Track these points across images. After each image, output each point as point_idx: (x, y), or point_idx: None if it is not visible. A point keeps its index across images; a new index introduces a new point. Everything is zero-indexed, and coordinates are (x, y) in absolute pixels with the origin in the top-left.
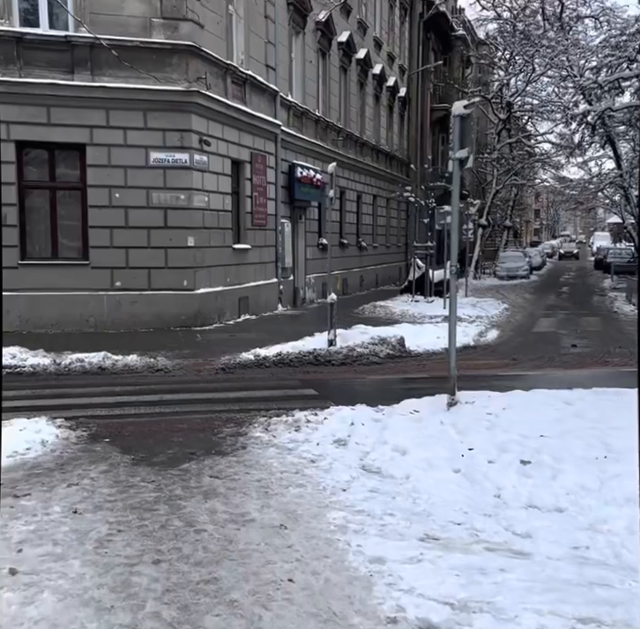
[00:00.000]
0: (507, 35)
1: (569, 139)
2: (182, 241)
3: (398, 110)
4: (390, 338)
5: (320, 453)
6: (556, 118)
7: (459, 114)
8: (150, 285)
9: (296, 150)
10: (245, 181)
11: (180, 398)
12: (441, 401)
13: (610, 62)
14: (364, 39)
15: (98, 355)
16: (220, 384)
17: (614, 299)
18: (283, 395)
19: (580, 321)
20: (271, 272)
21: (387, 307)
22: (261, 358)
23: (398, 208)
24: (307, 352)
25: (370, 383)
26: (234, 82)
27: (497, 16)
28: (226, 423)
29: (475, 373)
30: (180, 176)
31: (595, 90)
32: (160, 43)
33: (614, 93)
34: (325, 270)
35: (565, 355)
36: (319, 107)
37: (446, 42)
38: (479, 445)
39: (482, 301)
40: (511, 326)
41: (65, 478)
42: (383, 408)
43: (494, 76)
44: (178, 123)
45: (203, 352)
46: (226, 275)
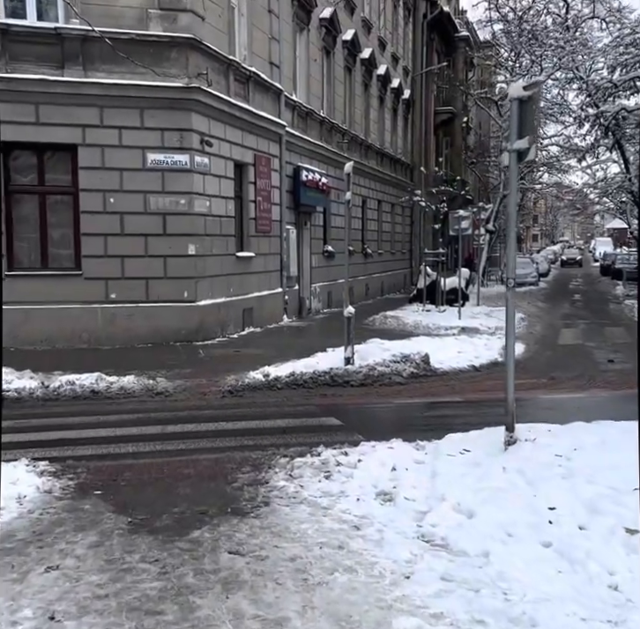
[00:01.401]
0: (514, 35)
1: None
2: (182, 249)
3: (402, 113)
4: (414, 355)
5: (363, 513)
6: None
7: (518, 97)
8: (148, 297)
9: (301, 152)
10: (248, 184)
11: (184, 430)
12: (494, 437)
13: (626, 60)
14: (368, 38)
15: (91, 376)
16: (229, 411)
17: (632, 308)
18: (302, 425)
19: (605, 332)
20: (275, 281)
21: (398, 318)
22: (272, 378)
23: (402, 213)
24: (322, 372)
25: (398, 409)
26: (236, 79)
27: (501, 17)
28: (240, 466)
29: (515, 396)
30: (179, 179)
31: (610, 89)
32: (157, 36)
33: (629, 94)
34: (331, 278)
35: (605, 372)
36: (324, 107)
37: (450, 44)
38: (560, 502)
39: (496, 310)
40: (534, 338)
41: (43, 557)
42: (423, 444)
43: (500, 77)
44: (177, 122)
45: (206, 371)
46: (229, 285)
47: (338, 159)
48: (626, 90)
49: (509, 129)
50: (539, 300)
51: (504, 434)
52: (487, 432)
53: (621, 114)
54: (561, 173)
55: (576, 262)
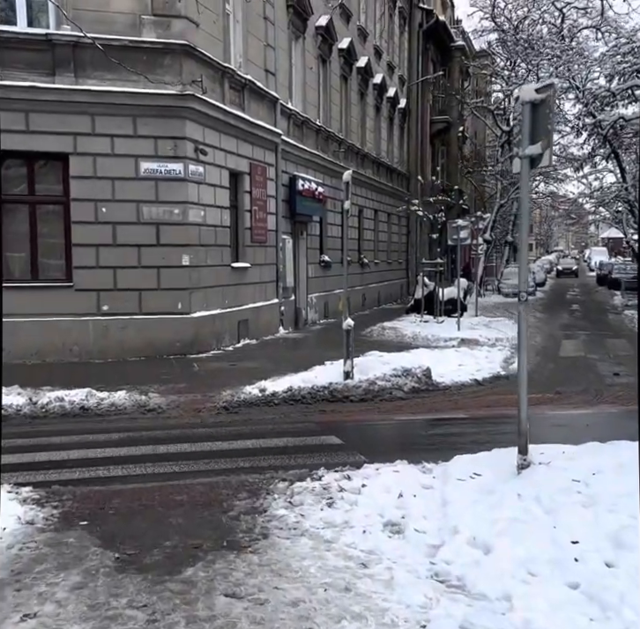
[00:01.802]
0: (510, 44)
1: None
2: (176, 260)
3: (398, 122)
4: (415, 369)
5: (370, 548)
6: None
7: (530, 101)
8: (140, 309)
9: (297, 161)
10: (244, 194)
11: (177, 451)
12: (505, 459)
13: (624, 69)
14: (364, 47)
15: (80, 392)
16: (224, 429)
17: (632, 319)
18: (301, 444)
19: (606, 343)
20: (271, 292)
21: (396, 329)
22: (268, 393)
23: (398, 223)
24: (321, 387)
25: (401, 426)
26: (231, 87)
27: (497, 26)
28: (237, 491)
29: None
30: (173, 188)
31: (608, 98)
32: (150, 42)
33: (627, 102)
34: (328, 288)
35: (612, 386)
36: (320, 116)
37: (445, 53)
38: (583, 535)
39: (495, 321)
40: (535, 349)
41: (20, 602)
42: (430, 467)
43: (495, 86)
44: (171, 130)
45: (201, 386)
46: (224, 296)
47: (334, 168)
48: (624, 98)
49: (519, 134)
50: (537, 311)
51: (517, 457)
52: (497, 454)
53: (619, 123)
54: (557, 183)
55: (573, 273)
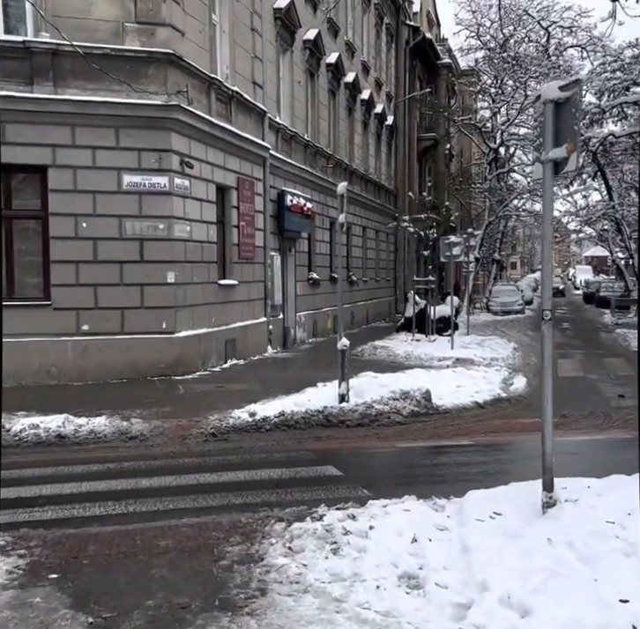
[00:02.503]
0: (496, 62)
1: None
2: (160, 277)
3: (385, 138)
4: (414, 392)
5: (387, 609)
6: None
7: (553, 99)
8: (123, 329)
9: (285, 176)
10: (231, 209)
11: (161, 485)
12: (525, 496)
13: (614, 85)
14: (352, 62)
15: (57, 419)
16: (212, 459)
17: (626, 337)
18: (296, 476)
19: (604, 363)
20: (259, 310)
21: (388, 348)
22: (259, 418)
23: (386, 240)
24: (315, 411)
25: (403, 455)
26: (218, 98)
27: (483, 45)
28: (229, 534)
29: (529, 439)
30: (158, 203)
31: (597, 115)
32: (134, 51)
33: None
34: (316, 306)
35: (619, 409)
36: (308, 131)
37: (432, 70)
38: (632, 592)
39: (487, 339)
40: (532, 370)
41: None
42: (442, 504)
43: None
44: (156, 142)
45: (186, 410)
46: (210, 315)
47: (322, 183)
48: (613, 116)
49: (539, 136)
50: (528, 329)
51: (542, 495)
52: (515, 489)
53: (609, 140)
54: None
55: (560, 292)
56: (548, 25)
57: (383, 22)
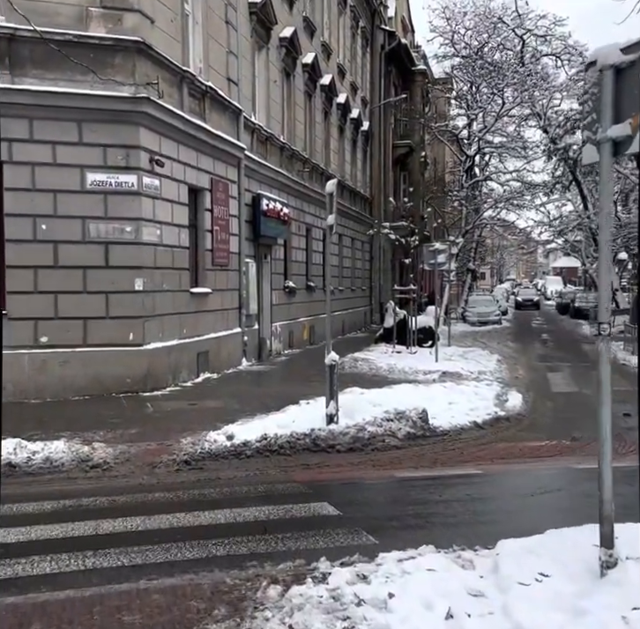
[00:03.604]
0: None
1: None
2: (127, 284)
3: (361, 145)
4: (410, 412)
5: None
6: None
7: (613, 65)
8: (85, 341)
9: (260, 179)
10: (204, 212)
11: (127, 529)
12: (574, 549)
13: None
14: (328, 64)
15: (8, 444)
16: (187, 494)
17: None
18: (287, 516)
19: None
20: (234, 321)
21: (369, 361)
22: (239, 443)
23: (362, 248)
24: (302, 435)
25: (406, 487)
26: (191, 94)
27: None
28: (210, 604)
29: (544, 467)
30: (125, 203)
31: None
32: (99, 38)
33: None
34: (292, 316)
35: (630, 430)
36: (284, 133)
37: (407, 77)
38: None
39: (469, 351)
40: (523, 384)
41: None
42: (469, 558)
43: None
44: (123, 138)
45: (156, 431)
46: (182, 325)
47: (298, 188)
48: None
49: (590, 113)
50: (508, 340)
51: (599, 552)
52: (556, 540)
53: None
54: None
55: (534, 305)
56: (523, 33)
57: (358, 25)
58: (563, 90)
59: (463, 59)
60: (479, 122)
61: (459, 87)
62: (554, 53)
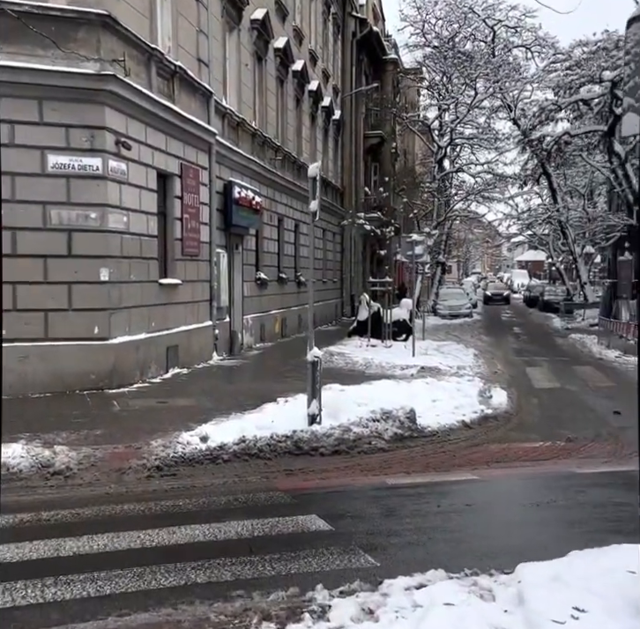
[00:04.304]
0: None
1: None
2: (92, 275)
3: (332, 134)
4: (397, 411)
5: None
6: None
7: None
8: (47, 334)
9: (232, 166)
10: (174, 199)
11: (92, 550)
12: (607, 575)
13: (571, 81)
14: (300, 50)
15: None
16: (160, 506)
17: (584, 343)
18: (273, 533)
19: (576, 372)
20: (204, 313)
21: (344, 355)
22: (215, 446)
23: (333, 240)
24: (283, 437)
25: (401, 496)
26: (159, 73)
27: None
28: None
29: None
30: (90, 188)
31: (553, 112)
32: (60, 9)
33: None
34: (264, 309)
35: (624, 429)
36: (256, 119)
37: (378, 66)
38: None
39: (444, 345)
40: (504, 380)
41: None
42: (488, 585)
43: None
44: (87, 118)
45: (124, 433)
46: (150, 318)
47: (270, 176)
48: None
49: (632, 76)
50: (481, 334)
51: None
52: (583, 563)
53: (564, 139)
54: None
55: (504, 299)
56: (494, 23)
57: (330, 11)
58: (535, 81)
59: (434, 49)
60: (451, 112)
61: (431, 77)
62: (525, 44)
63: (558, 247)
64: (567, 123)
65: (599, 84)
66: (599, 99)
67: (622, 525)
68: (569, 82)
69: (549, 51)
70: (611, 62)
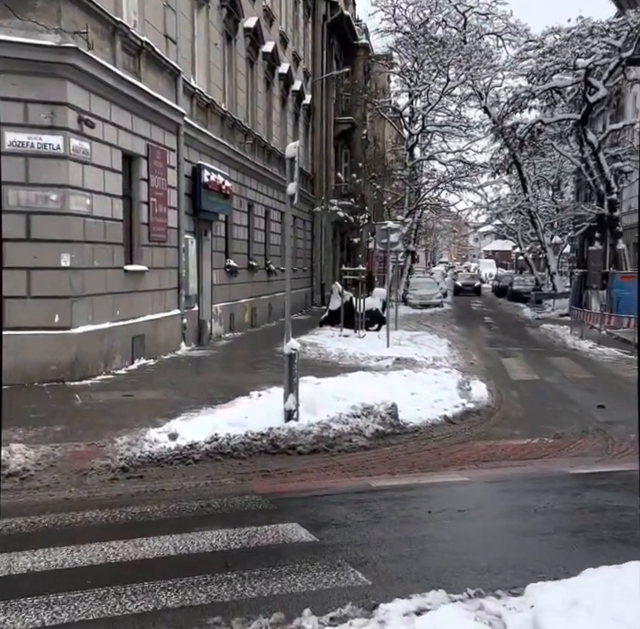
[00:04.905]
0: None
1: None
2: (52, 260)
3: (303, 119)
4: (378, 406)
5: None
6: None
7: None
8: (4, 323)
9: (200, 149)
10: (140, 181)
11: (49, 567)
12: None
13: (546, 68)
14: (270, 31)
15: None
16: (126, 513)
17: (556, 333)
18: (251, 545)
19: (552, 363)
20: (172, 302)
21: (317, 345)
22: (185, 445)
23: (303, 228)
24: (258, 434)
25: (387, 500)
26: (125, 49)
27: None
28: None
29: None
30: (50, 168)
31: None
32: None
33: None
34: (233, 298)
35: (611, 424)
36: (225, 100)
37: (349, 51)
38: None
39: (417, 335)
40: (481, 371)
41: None
42: (497, 610)
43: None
44: (46, 93)
45: (86, 429)
46: (115, 306)
47: (240, 161)
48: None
49: None
50: (452, 324)
51: None
52: (601, 584)
53: (537, 127)
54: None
55: (475, 290)
56: (465, 10)
57: None
58: (506, 69)
59: (405, 35)
60: (422, 99)
61: (403, 63)
62: (496, 32)
63: (527, 237)
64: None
65: (573, 71)
66: (572, 87)
67: (627, 533)
68: (543, 69)
69: (520, 39)
70: (585, 49)
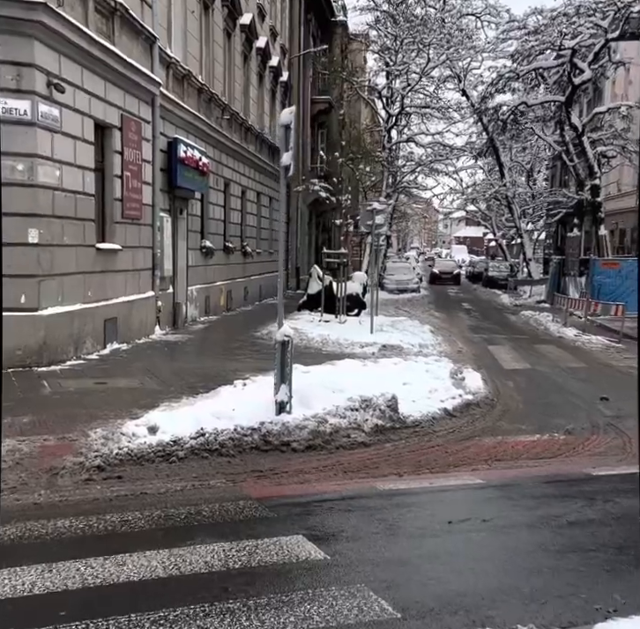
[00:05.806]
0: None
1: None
2: (18, 235)
3: (280, 97)
4: (377, 399)
5: None
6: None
7: None
8: None
9: (177, 122)
10: (113, 154)
11: (15, 592)
12: None
13: (531, 47)
14: (248, 3)
15: None
16: (103, 522)
17: (538, 320)
18: (252, 564)
19: (540, 351)
20: (146, 283)
21: (298, 330)
22: (168, 442)
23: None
24: (249, 429)
25: (399, 508)
26: (97, 10)
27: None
28: None
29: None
30: (16, 136)
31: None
32: None
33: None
34: (209, 280)
35: (619, 418)
36: (202, 73)
37: (326, 28)
38: None
39: (398, 321)
40: (469, 359)
41: None
42: None
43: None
44: (13, 53)
45: (56, 420)
46: (86, 287)
47: (217, 136)
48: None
49: None
50: (431, 309)
51: None
52: None
53: (520, 109)
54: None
55: (453, 278)
56: None
57: None
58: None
59: (383, 13)
60: (402, 79)
61: (382, 41)
62: (475, 13)
63: (501, 223)
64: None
65: (559, 51)
66: (556, 69)
67: None
68: (528, 48)
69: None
70: (572, 28)
